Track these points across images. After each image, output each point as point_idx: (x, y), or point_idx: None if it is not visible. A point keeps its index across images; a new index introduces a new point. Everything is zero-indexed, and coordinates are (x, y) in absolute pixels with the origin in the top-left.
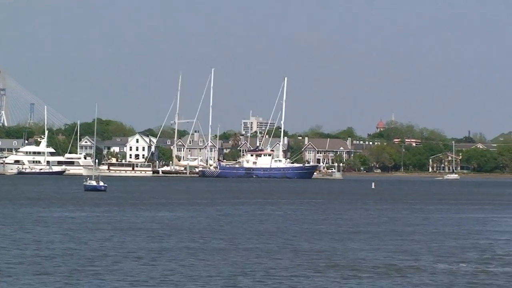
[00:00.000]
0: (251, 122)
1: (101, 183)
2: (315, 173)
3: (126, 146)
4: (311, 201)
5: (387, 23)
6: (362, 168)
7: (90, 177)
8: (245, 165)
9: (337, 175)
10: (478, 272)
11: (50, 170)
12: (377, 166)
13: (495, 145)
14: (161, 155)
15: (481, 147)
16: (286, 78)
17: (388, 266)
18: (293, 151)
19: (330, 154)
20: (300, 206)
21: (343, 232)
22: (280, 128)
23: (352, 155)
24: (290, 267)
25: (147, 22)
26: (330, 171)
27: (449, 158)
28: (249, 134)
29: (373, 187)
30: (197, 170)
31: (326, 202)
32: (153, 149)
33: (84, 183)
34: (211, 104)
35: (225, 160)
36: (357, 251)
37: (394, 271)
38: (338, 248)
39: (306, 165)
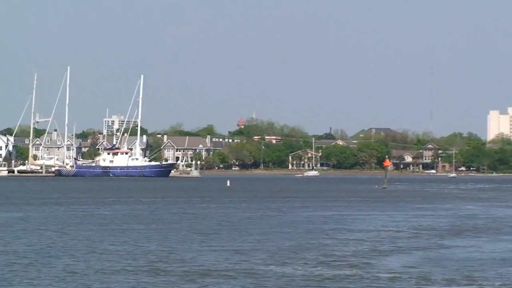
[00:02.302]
0: (113, 121)
1: None
2: (172, 171)
3: None
4: (141, 199)
5: (246, 19)
6: (221, 166)
7: None
8: (102, 163)
9: (195, 173)
10: (309, 276)
11: None
12: (237, 163)
13: (355, 141)
14: (19, 154)
15: (341, 143)
16: (142, 76)
17: (214, 267)
18: (152, 149)
19: (189, 152)
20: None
21: (177, 230)
22: (137, 127)
23: (211, 152)
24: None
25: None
26: (188, 169)
27: (309, 155)
28: (110, 133)
29: (228, 185)
30: (53, 169)
31: (162, 201)
32: (10, 148)
33: None
34: (67, 102)
35: (81, 159)
36: (188, 251)
37: (219, 271)
38: (177, 248)
39: (164, 163)
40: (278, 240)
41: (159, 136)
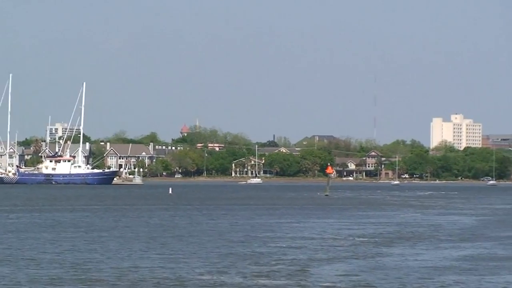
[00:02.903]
0: (56, 128)
1: None
2: (115, 179)
3: None
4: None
5: (189, 24)
6: (164, 173)
7: None
8: (44, 171)
9: (138, 180)
10: (242, 286)
11: None
12: (180, 171)
13: (298, 149)
14: None
15: (284, 151)
16: (84, 83)
17: (148, 276)
18: (95, 156)
19: (132, 160)
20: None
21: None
22: (80, 134)
23: (154, 160)
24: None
25: None
26: (130, 176)
27: (252, 162)
28: (52, 140)
29: (170, 192)
30: None
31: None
32: None
33: None
34: (9, 110)
35: (24, 167)
36: (119, 259)
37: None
38: (97, 257)
39: (106, 170)
40: (215, 248)
41: (102, 143)
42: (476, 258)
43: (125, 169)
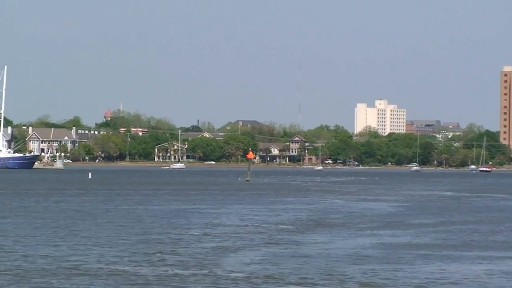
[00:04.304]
0: None
1: None
2: (36, 163)
3: None
4: None
5: (116, 11)
6: (86, 158)
7: None
8: None
9: (59, 164)
10: (150, 274)
11: None
12: (102, 155)
13: (222, 134)
14: None
15: (207, 136)
16: (6, 67)
17: (62, 264)
18: (17, 140)
19: (54, 144)
20: None
21: None
22: (1, 118)
23: (77, 144)
24: None
25: None
26: (52, 161)
27: (175, 147)
28: None
29: (89, 177)
30: None
31: None
32: None
33: None
34: None
35: None
36: (30, 246)
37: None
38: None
39: (27, 155)
40: (124, 235)
41: (24, 128)
42: (392, 246)
43: (47, 153)
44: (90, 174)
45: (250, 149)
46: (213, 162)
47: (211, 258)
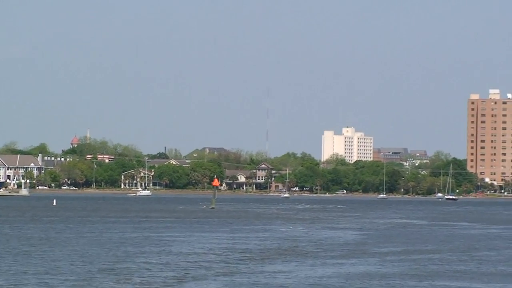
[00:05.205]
0: None
1: None
2: (1, 190)
3: None
4: None
5: (69, 40)
6: (52, 185)
7: None
8: None
9: (24, 192)
10: None
11: None
12: (69, 182)
13: (188, 161)
14: None
15: (174, 163)
16: None
17: None
18: None
19: (20, 171)
20: None
21: None
22: None
23: (43, 171)
24: None
25: None
26: (17, 188)
27: (142, 174)
28: None
29: (54, 204)
30: None
31: None
32: None
33: None
34: None
35: None
36: None
37: None
38: None
39: None
40: (77, 263)
41: None
42: (353, 276)
43: (13, 180)
44: (55, 201)
45: (215, 176)
46: (179, 189)
47: None
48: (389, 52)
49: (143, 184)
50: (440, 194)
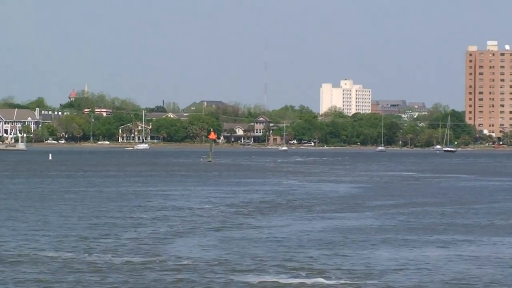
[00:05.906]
0: None
1: None
2: None
3: None
4: None
5: None
6: (50, 139)
7: None
8: None
9: (21, 146)
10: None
11: None
12: (66, 136)
13: (186, 114)
14: None
15: (172, 116)
16: None
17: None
18: None
19: (18, 125)
20: None
21: None
22: None
23: (40, 125)
24: None
25: None
26: (14, 142)
27: (139, 128)
28: None
29: (50, 158)
30: None
31: None
32: None
33: None
34: None
35: None
36: None
37: None
38: None
39: None
40: (79, 220)
41: None
42: (349, 229)
43: (10, 134)
44: (50, 155)
45: (212, 129)
46: (177, 143)
47: (155, 244)
48: (387, 4)
49: (140, 137)
50: (438, 146)
